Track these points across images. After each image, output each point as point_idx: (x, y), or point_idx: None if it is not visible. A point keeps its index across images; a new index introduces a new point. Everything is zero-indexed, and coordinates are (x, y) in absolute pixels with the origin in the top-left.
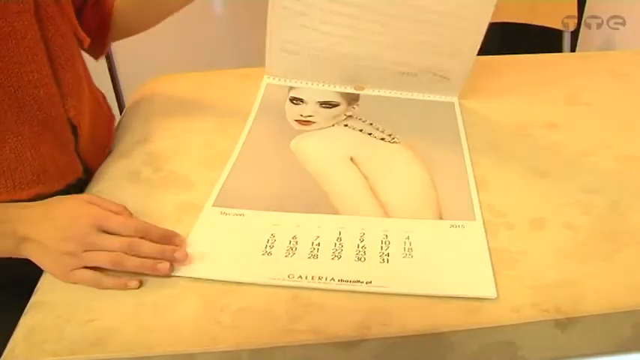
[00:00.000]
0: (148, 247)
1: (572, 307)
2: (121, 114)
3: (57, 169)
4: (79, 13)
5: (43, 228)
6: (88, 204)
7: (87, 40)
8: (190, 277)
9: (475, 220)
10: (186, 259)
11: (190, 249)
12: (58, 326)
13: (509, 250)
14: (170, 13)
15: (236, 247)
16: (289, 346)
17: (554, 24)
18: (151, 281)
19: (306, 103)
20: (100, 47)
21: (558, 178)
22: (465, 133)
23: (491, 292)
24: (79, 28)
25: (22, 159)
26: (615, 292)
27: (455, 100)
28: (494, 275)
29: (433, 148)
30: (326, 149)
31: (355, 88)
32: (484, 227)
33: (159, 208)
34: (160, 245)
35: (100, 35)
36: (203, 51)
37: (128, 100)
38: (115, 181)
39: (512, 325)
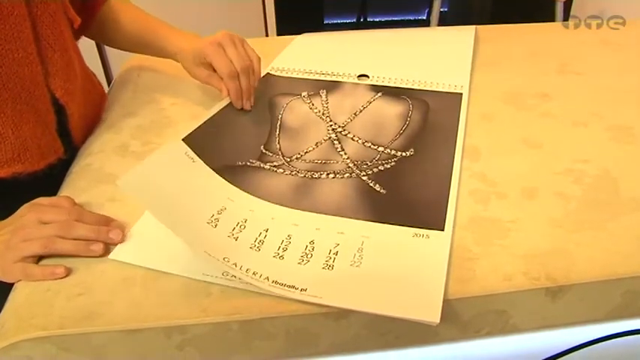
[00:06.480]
0: (81, 228)
1: (563, 275)
2: (108, 87)
3: (38, 149)
4: None
5: (1, 233)
6: (33, 204)
7: (77, 20)
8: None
9: (444, 230)
10: (121, 239)
11: (139, 230)
12: (47, 300)
13: (500, 220)
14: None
15: None
16: (279, 316)
17: None
18: None
19: None
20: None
21: (550, 147)
22: (465, 131)
23: (434, 317)
24: (70, 8)
25: (4, 137)
26: (606, 261)
27: (464, 91)
28: (448, 290)
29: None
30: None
31: (358, 78)
32: (452, 239)
33: None
34: (94, 226)
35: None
36: (191, 24)
37: (116, 73)
38: (103, 155)
39: (504, 293)
